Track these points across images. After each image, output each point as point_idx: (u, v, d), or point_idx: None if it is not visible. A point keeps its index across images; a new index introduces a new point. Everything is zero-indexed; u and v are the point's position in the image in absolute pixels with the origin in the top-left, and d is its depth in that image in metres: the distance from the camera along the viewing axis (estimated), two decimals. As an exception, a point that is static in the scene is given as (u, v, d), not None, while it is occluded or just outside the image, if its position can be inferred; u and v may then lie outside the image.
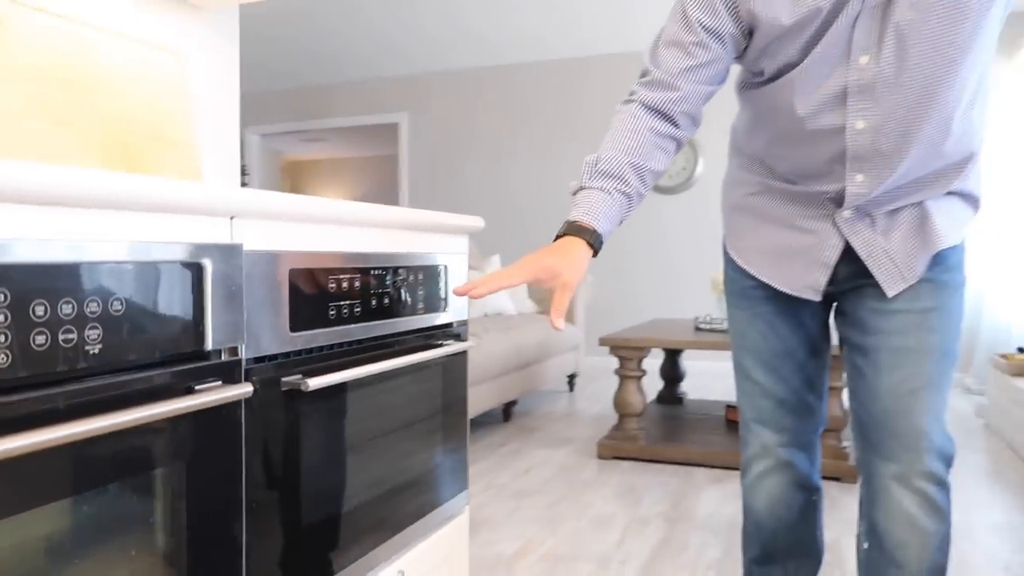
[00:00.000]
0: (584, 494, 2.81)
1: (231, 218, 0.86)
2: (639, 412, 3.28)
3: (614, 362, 6.04)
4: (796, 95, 1.17)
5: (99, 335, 0.68)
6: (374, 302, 1.13)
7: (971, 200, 1.25)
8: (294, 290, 0.96)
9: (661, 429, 3.49)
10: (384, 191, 9.58)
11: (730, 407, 3.71)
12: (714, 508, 2.65)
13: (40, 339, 0.63)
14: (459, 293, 1.03)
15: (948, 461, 1.22)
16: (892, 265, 1.23)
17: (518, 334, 3.90)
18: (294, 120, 7.23)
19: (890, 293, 1.23)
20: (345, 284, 1.06)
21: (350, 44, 5.93)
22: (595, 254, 1.13)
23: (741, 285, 1.39)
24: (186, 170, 1.55)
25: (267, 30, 5.56)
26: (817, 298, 1.31)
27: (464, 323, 1.44)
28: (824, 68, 1.13)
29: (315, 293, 1.00)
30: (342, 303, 1.05)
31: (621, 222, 1.19)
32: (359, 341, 1.10)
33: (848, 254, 1.26)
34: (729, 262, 1.42)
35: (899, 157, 1.16)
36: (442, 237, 1.34)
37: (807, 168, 1.24)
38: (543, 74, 6.29)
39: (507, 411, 4.07)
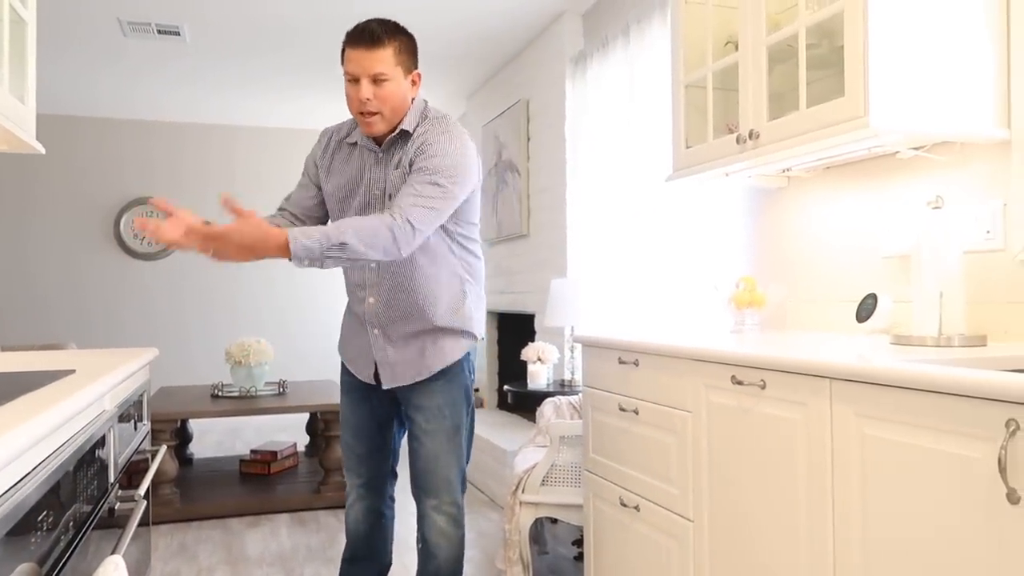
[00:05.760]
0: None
1: (106, 395, 1.27)
2: (173, 478, 3.65)
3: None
4: None
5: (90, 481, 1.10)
6: (130, 423, 1.55)
7: (466, 334, 2.09)
8: (119, 429, 1.38)
9: (190, 490, 3.88)
10: None
11: (243, 461, 4.29)
12: (262, 547, 3.25)
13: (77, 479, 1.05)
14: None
15: (463, 492, 2.08)
16: (391, 371, 2.04)
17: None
18: None
19: (385, 387, 2.04)
20: (130, 413, 1.48)
21: None
22: None
23: (347, 381, 2.14)
24: None
25: None
26: (374, 383, 2.06)
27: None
28: None
29: (128, 428, 1.42)
30: (132, 423, 1.47)
31: None
32: (137, 452, 1.52)
33: None
34: (342, 365, 2.15)
35: (396, 286, 1.97)
36: (144, 371, 1.77)
37: (352, 292, 2.06)
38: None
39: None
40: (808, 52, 1.92)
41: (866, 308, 1.94)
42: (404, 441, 2.20)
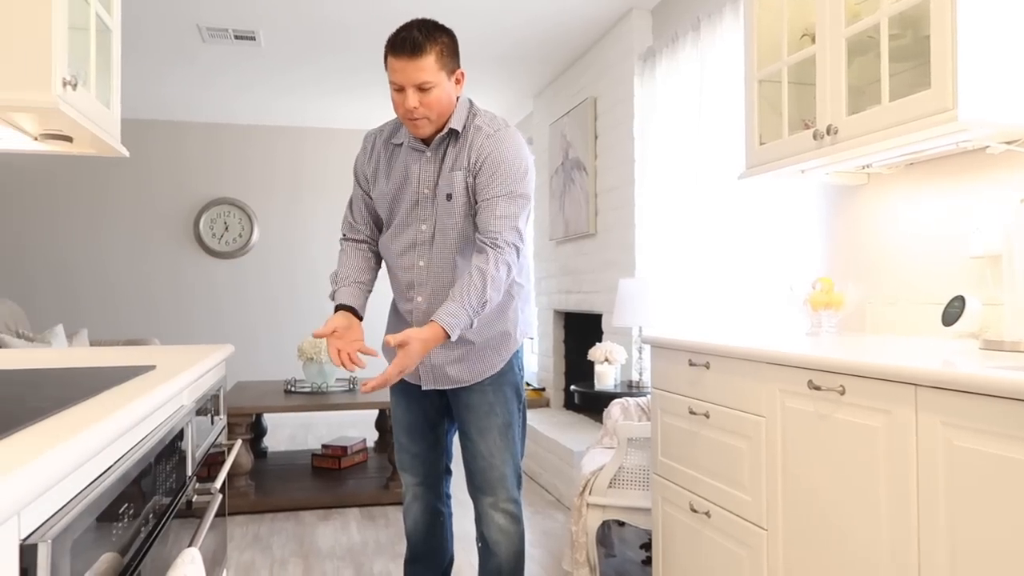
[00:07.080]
0: (216, 550, 3.20)
1: (185, 390, 1.31)
2: (248, 471, 3.75)
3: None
4: (391, 244, 2.03)
5: (170, 474, 1.13)
6: (207, 417, 1.59)
7: (512, 336, 2.07)
8: (196, 423, 1.42)
9: (264, 482, 3.99)
10: None
11: (315, 455, 4.39)
12: (333, 540, 3.32)
13: (155, 476, 1.08)
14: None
15: (519, 487, 2.08)
16: (430, 373, 2.04)
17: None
18: None
19: (424, 388, 2.05)
20: (207, 407, 1.52)
21: None
22: (360, 319, 1.98)
23: (396, 382, 2.14)
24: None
25: None
26: (420, 384, 2.06)
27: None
28: (402, 228, 2.00)
29: (205, 422, 1.46)
30: (210, 417, 1.52)
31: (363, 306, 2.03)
32: (214, 446, 1.57)
33: None
34: None
35: (441, 286, 1.99)
36: (220, 367, 1.82)
37: (400, 292, 2.06)
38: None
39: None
40: (891, 43, 1.84)
41: (953, 311, 1.85)
42: (456, 438, 2.21)
